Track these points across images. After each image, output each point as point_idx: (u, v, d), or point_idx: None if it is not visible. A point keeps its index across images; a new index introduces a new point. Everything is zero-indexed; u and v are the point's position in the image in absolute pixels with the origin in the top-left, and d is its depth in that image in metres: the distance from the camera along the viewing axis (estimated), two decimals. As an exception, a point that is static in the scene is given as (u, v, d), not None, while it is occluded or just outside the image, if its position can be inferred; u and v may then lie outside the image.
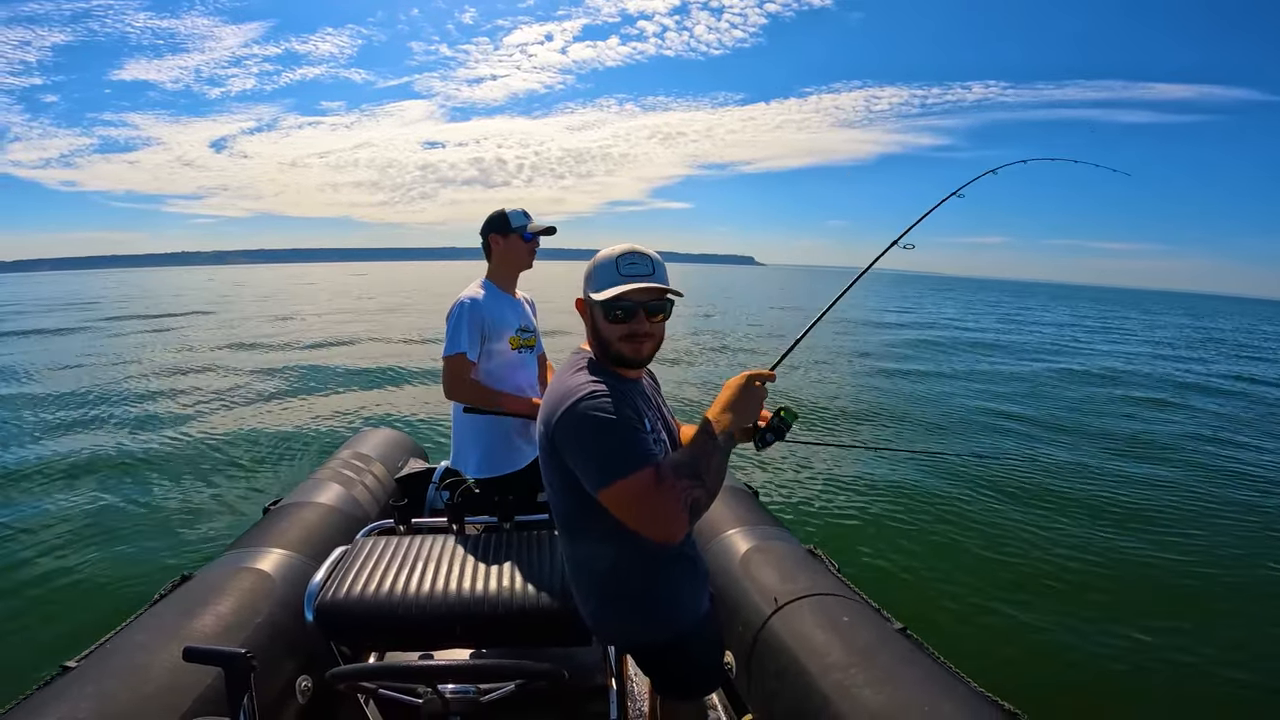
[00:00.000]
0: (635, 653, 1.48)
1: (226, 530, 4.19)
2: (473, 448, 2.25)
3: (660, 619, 1.38)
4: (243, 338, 15.03)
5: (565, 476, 1.27)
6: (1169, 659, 3.16)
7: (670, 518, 1.16)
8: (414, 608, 1.56)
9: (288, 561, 1.98)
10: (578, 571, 1.42)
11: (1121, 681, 3.00)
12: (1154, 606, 3.63)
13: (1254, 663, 3.13)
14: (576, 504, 1.29)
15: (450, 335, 2.10)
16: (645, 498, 1.15)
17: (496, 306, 2.18)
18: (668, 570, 1.37)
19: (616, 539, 1.27)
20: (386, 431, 3.39)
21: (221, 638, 1.61)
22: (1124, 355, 16.24)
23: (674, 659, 1.43)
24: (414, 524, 2.29)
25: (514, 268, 2.28)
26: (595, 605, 1.41)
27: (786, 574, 1.98)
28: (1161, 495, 5.41)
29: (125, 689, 1.38)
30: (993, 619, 3.39)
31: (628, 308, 1.28)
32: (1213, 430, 8.01)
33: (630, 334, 1.30)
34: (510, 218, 2.20)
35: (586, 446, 1.21)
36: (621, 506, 1.18)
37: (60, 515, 4.60)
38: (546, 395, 1.33)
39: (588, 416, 1.20)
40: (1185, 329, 28.85)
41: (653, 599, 1.37)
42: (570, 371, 1.32)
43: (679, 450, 1.25)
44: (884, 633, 1.68)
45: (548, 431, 1.28)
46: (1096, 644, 3.23)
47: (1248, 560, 4.21)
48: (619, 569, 1.34)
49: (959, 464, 5.89)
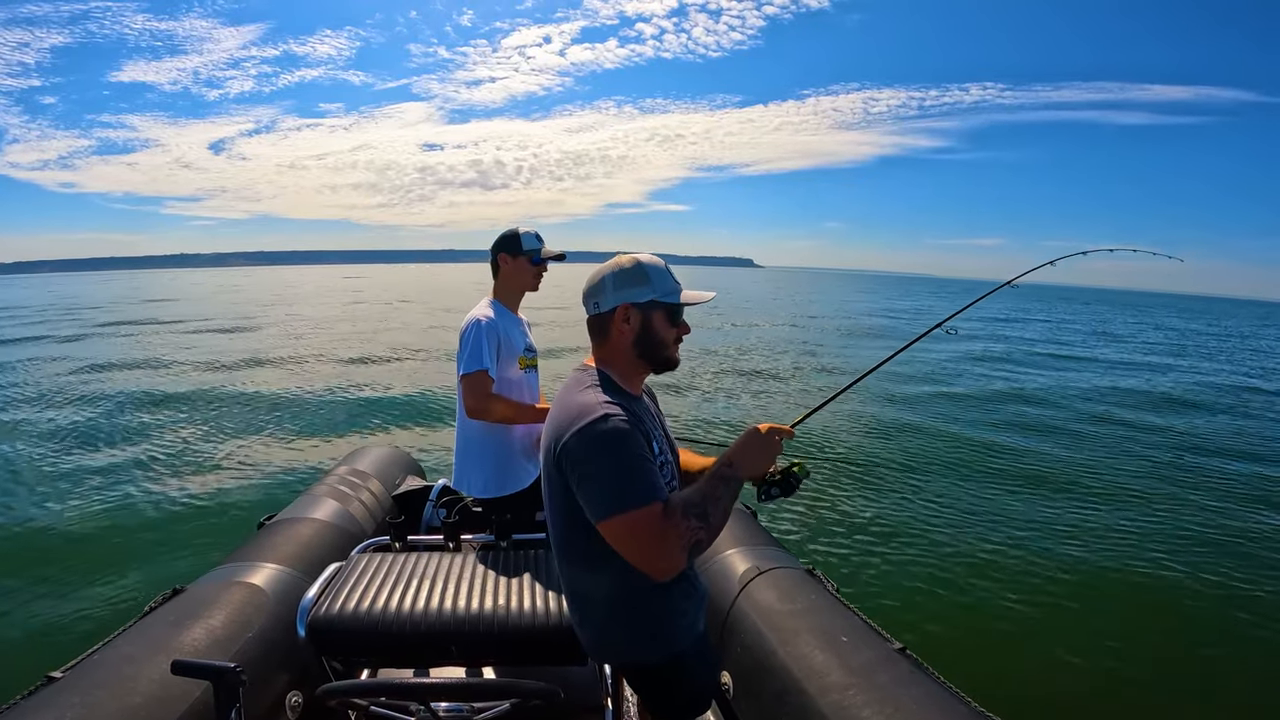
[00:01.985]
0: (630, 672, 1.45)
1: (220, 544, 4.15)
2: (477, 468, 2.25)
3: (660, 639, 1.36)
4: (242, 348, 15.02)
5: (568, 496, 1.25)
6: (1175, 682, 3.13)
7: (669, 557, 1.15)
8: (408, 625, 1.54)
9: (281, 576, 1.96)
10: (575, 590, 1.40)
11: (1124, 703, 2.96)
12: (1160, 629, 3.59)
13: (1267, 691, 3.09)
14: (581, 524, 1.26)
15: (471, 353, 2.08)
16: (649, 534, 1.14)
17: (507, 327, 2.19)
18: (669, 591, 1.35)
19: (618, 561, 1.25)
20: (384, 448, 3.39)
21: (211, 651, 1.59)
22: (1115, 359, 16.26)
23: (669, 679, 1.41)
24: (410, 541, 2.28)
25: (519, 289, 2.30)
26: (592, 624, 1.39)
27: (785, 594, 1.96)
28: (1173, 514, 5.35)
29: (111, 700, 1.36)
30: (993, 639, 3.36)
31: (680, 311, 1.36)
32: (1221, 445, 8.01)
33: (679, 338, 1.37)
34: (523, 240, 2.22)
35: (595, 472, 1.18)
36: (622, 539, 1.16)
37: (51, 525, 4.57)
38: (555, 412, 1.31)
39: (601, 439, 1.18)
40: (1179, 330, 28.95)
41: (653, 619, 1.35)
42: (580, 389, 1.29)
43: (690, 489, 1.23)
44: (883, 653, 1.66)
45: (554, 449, 1.25)
46: (1099, 665, 3.20)
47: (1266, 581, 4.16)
48: (620, 590, 1.32)
49: (957, 484, 5.87)
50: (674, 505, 1.16)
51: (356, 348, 15.26)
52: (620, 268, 1.34)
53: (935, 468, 6.55)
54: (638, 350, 1.34)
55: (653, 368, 1.37)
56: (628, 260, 1.34)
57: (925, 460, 6.81)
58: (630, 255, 1.36)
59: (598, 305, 1.35)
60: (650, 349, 1.34)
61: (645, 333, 1.33)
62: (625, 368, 1.36)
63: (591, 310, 1.37)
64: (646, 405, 1.41)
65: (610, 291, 1.33)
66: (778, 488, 1.36)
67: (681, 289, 1.36)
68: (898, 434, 7.78)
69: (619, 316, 1.33)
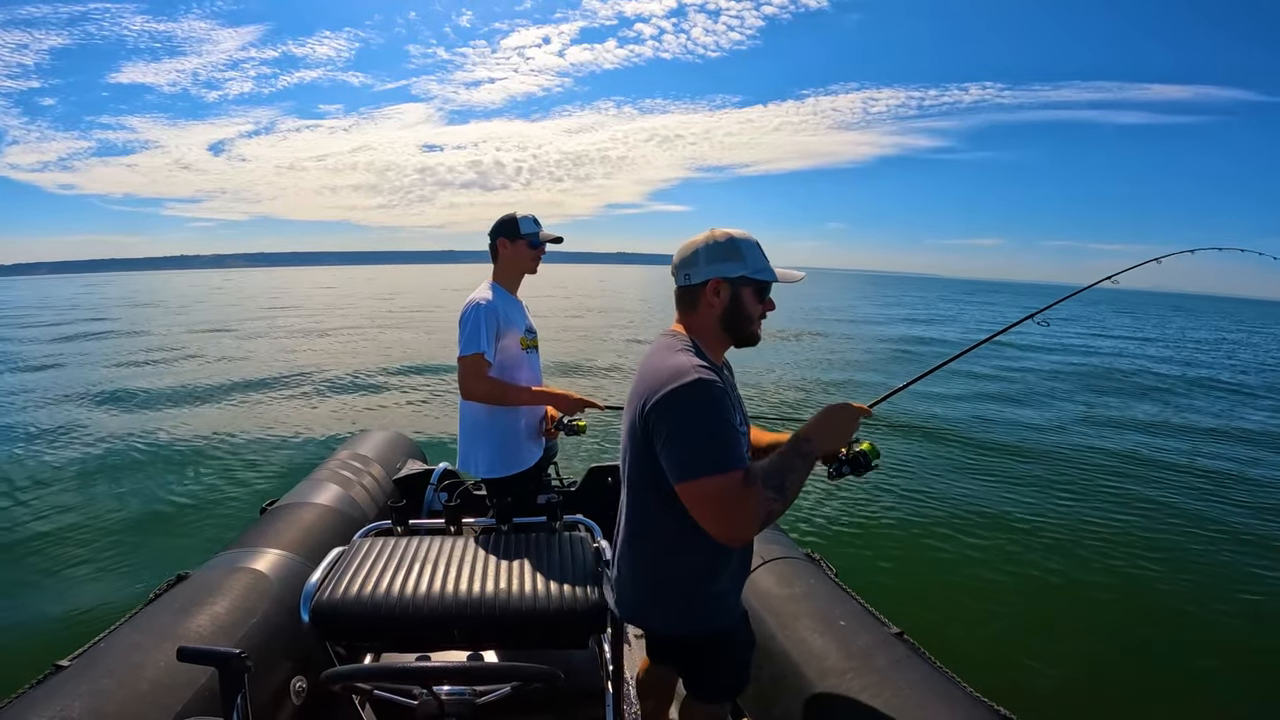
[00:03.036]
0: (677, 645, 1.47)
1: (223, 530, 4.18)
2: (482, 448, 2.26)
3: (704, 616, 1.38)
4: (243, 338, 15.04)
5: (647, 455, 1.27)
6: (1168, 665, 3.17)
7: (744, 524, 1.17)
8: (411, 609, 1.56)
9: (284, 562, 1.98)
10: (634, 553, 1.40)
11: (1119, 687, 2.99)
12: (1155, 612, 3.63)
13: (1259, 674, 3.13)
14: (654, 484, 1.29)
15: (469, 336, 2.10)
16: (728, 500, 1.15)
17: (506, 307, 2.21)
18: (729, 561, 1.38)
19: (686, 529, 1.26)
20: (385, 432, 3.40)
21: (216, 637, 1.60)
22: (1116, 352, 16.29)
23: (715, 654, 1.44)
24: (412, 525, 2.29)
25: (519, 271, 2.32)
26: (643, 587, 1.40)
27: (785, 579, 1.98)
28: (1172, 501, 5.39)
29: (118, 688, 1.38)
30: (990, 623, 3.39)
31: (768, 289, 1.37)
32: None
33: (763, 314, 1.38)
34: (520, 223, 2.25)
35: (683, 434, 1.19)
36: (700, 502, 1.17)
37: (56, 514, 4.59)
38: (645, 372, 1.31)
39: (693, 402, 1.20)
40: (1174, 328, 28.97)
41: (703, 594, 1.37)
42: (673, 351, 1.30)
43: (767, 460, 1.23)
44: (881, 637, 1.68)
45: (642, 408, 1.26)
46: (1094, 649, 3.23)
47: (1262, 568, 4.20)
48: (691, 554, 1.33)
49: (958, 470, 5.89)
50: (754, 474, 1.17)
51: (356, 334, 15.26)
52: (714, 241, 1.35)
53: (938, 458, 6.57)
54: (724, 324, 1.36)
55: (735, 341, 1.39)
56: (721, 234, 1.35)
57: (928, 450, 6.83)
58: (724, 230, 1.36)
59: (689, 277, 1.36)
60: (736, 323, 1.36)
61: (734, 307, 1.34)
62: (710, 339, 1.37)
63: (682, 281, 1.38)
64: (728, 376, 1.42)
65: (703, 264, 1.34)
66: (849, 465, 1.38)
67: (770, 266, 1.37)
68: (903, 425, 7.79)
69: (710, 290, 1.34)
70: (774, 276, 1.37)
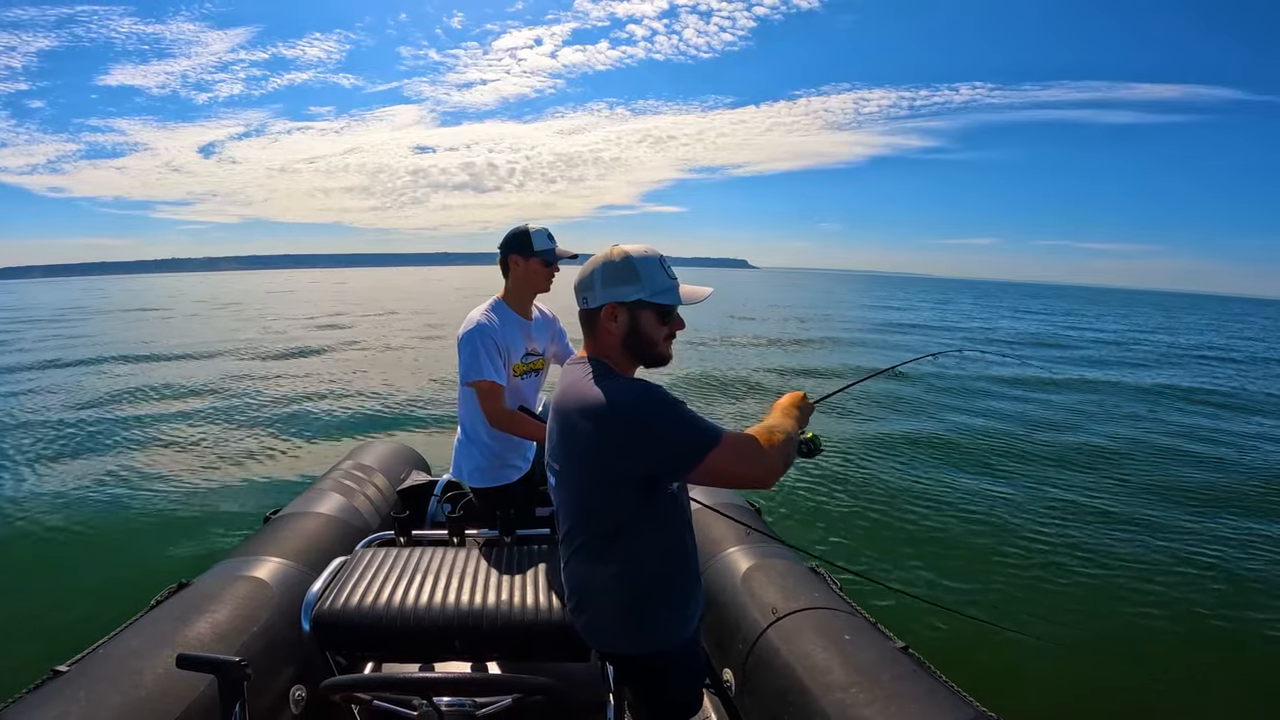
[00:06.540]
0: (617, 661, 1.44)
1: (225, 538, 4.17)
2: (466, 459, 2.29)
3: (648, 633, 1.35)
4: (248, 345, 15.08)
5: (593, 481, 1.27)
6: (1179, 681, 3.11)
7: (771, 464, 1.22)
8: (412, 619, 1.55)
9: (286, 570, 1.97)
10: (576, 582, 1.38)
11: (1126, 702, 2.95)
12: (1166, 628, 3.56)
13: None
14: (595, 511, 1.29)
15: (469, 364, 2.06)
16: (748, 450, 1.21)
17: (505, 333, 2.14)
18: (669, 585, 1.35)
19: (621, 548, 1.27)
20: (389, 443, 3.40)
21: (216, 645, 1.60)
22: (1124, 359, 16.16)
23: (655, 674, 1.40)
24: (414, 536, 2.28)
25: (531, 291, 2.24)
26: (588, 610, 1.38)
27: (788, 591, 1.96)
28: (1188, 511, 5.31)
29: (116, 694, 1.37)
30: (996, 638, 3.35)
31: (672, 310, 1.33)
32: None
33: (670, 335, 1.35)
34: (534, 239, 2.14)
35: (666, 429, 1.19)
36: (728, 466, 1.19)
37: (57, 520, 4.58)
38: (571, 409, 1.26)
39: (657, 405, 1.21)
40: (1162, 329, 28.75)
41: (646, 610, 1.34)
42: (594, 378, 1.26)
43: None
44: (886, 651, 1.66)
45: (592, 440, 1.22)
46: (1102, 665, 3.18)
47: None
48: (619, 578, 1.32)
49: (960, 484, 5.84)
50: (745, 430, 1.26)
51: (363, 344, 15.30)
52: (610, 261, 1.30)
53: (939, 467, 6.52)
54: (625, 348, 1.33)
55: (643, 363, 1.36)
56: (618, 254, 1.30)
57: (930, 460, 6.78)
58: (622, 248, 1.31)
59: (586, 300, 1.32)
60: (639, 347, 1.32)
61: (633, 332, 1.30)
62: (618, 360, 1.34)
63: (581, 304, 1.34)
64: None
65: (599, 288, 1.29)
66: (806, 445, 1.49)
67: (676, 284, 1.31)
68: (901, 433, 7.74)
69: (606, 315, 1.30)
70: (676, 299, 1.30)
